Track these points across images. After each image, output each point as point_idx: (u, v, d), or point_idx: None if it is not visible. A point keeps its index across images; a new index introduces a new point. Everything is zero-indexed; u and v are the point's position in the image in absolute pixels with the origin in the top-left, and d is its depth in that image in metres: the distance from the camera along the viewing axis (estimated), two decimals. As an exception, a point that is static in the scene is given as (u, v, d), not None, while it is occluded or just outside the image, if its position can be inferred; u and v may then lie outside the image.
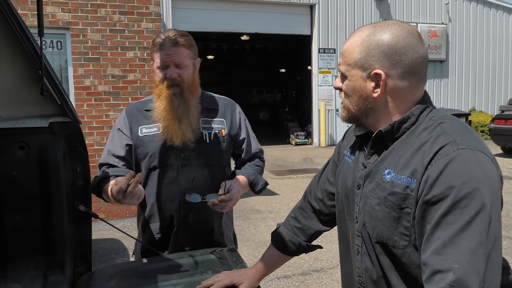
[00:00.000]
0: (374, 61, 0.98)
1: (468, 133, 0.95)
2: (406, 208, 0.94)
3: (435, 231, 0.87)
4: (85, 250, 1.53)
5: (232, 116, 1.80)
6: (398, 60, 0.97)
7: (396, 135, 1.01)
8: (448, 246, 0.84)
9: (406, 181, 0.94)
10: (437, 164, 0.89)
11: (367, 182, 1.05)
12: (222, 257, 1.51)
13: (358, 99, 1.03)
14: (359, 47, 1.00)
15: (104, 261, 4.16)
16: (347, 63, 1.03)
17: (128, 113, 1.74)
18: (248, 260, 3.92)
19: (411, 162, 0.95)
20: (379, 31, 0.99)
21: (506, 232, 4.84)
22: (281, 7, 12.23)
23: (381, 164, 1.02)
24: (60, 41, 5.35)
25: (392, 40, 0.97)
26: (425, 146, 0.94)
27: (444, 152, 0.90)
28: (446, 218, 0.85)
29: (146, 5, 5.44)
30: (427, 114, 1.01)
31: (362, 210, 1.05)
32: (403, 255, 0.96)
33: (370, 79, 1.00)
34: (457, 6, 13.88)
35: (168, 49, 1.59)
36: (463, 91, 14.22)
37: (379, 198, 0.99)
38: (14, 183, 1.41)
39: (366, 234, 1.04)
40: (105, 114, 5.37)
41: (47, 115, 1.42)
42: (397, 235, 0.96)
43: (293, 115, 16.95)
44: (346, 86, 1.04)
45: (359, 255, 1.09)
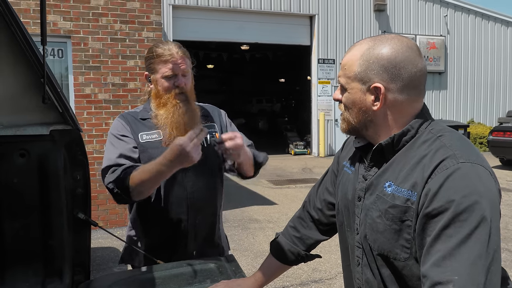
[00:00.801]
0: (374, 75, 0.99)
1: (467, 146, 0.96)
2: (407, 220, 0.95)
3: (435, 244, 0.87)
4: (84, 258, 1.53)
5: (220, 120, 1.87)
6: (397, 74, 0.98)
7: (396, 148, 1.02)
8: (448, 258, 0.85)
9: (406, 194, 0.95)
10: (437, 178, 0.90)
11: (368, 194, 1.05)
12: (220, 266, 1.51)
13: (358, 112, 1.04)
14: (359, 61, 1.01)
15: (102, 270, 4.13)
16: (347, 76, 1.04)
17: (125, 119, 1.74)
18: (247, 270, 3.90)
19: (411, 175, 0.96)
20: (378, 45, 1.00)
21: (505, 245, 4.82)
22: (281, 17, 12.33)
23: (381, 177, 1.03)
24: (61, 49, 5.38)
25: (391, 54, 0.98)
26: (425, 159, 0.95)
27: (444, 165, 0.91)
28: (446, 230, 0.86)
29: (147, 15, 5.49)
30: (426, 127, 1.02)
31: (363, 222, 1.05)
32: (404, 267, 0.97)
33: (370, 92, 1.01)
34: (456, 18, 14.02)
35: (177, 58, 1.65)
36: (461, 102, 14.28)
37: (380, 210, 1.00)
38: (14, 190, 1.41)
39: (367, 246, 1.04)
40: (105, 122, 5.38)
41: (48, 122, 1.43)
42: (398, 248, 0.97)
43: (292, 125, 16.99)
44: (346, 99, 1.05)
45: (360, 266, 1.09)
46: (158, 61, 1.67)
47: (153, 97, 1.72)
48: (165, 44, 1.69)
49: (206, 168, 1.74)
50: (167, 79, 1.67)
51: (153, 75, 1.70)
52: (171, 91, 1.67)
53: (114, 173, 1.58)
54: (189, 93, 1.70)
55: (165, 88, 1.67)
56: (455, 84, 14.12)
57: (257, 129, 20.57)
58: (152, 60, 1.68)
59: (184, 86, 1.67)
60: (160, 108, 1.68)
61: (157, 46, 1.70)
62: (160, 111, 1.68)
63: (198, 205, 1.71)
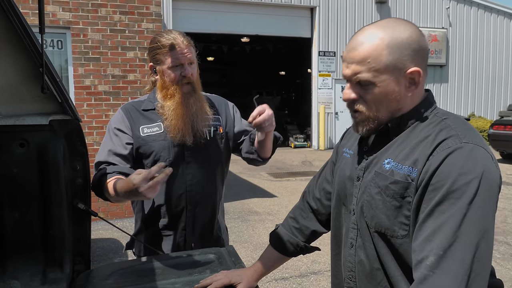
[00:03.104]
0: (408, 60, 0.96)
1: (471, 130, 0.96)
2: (408, 197, 0.94)
3: (427, 219, 0.88)
4: (84, 248, 1.53)
5: (227, 113, 1.84)
6: (424, 55, 0.99)
7: (402, 129, 1.01)
8: (438, 233, 0.85)
9: (407, 170, 0.94)
10: (439, 155, 0.90)
11: (367, 173, 1.04)
12: (220, 257, 1.51)
13: (390, 103, 0.99)
14: (387, 49, 0.95)
15: (102, 261, 4.15)
16: (374, 69, 0.96)
17: (126, 112, 1.73)
18: (246, 261, 3.92)
19: (413, 153, 0.95)
20: (398, 29, 0.97)
21: (504, 238, 4.84)
22: (282, 9, 12.25)
23: (382, 155, 1.02)
24: (60, 41, 5.36)
25: (416, 36, 0.97)
26: (429, 139, 0.95)
27: (446, 144, 0.91)
28: (439, 207, 0.87)
29: (146, 5, 5.45)
30: (432, 110, 1.02)
31: (360, 200, 1.04)
32: (401, 245, 0.96)
33: (404, 79, 0.97)
34: (458, 11, 13.92)
35: (183, 47, 1.63)
36: (462, 96, 14.24)
37: (379, 187, 0.99)
38: (14, 180, 1.41)
39: (364, 225, 1.04)
40: (104, 114, 5.37)
41: (47, 112, 1.43)
42: (396, 225, 0.96)
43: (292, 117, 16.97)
44: (374, 95, 0.98)
45: (353, 248, 1.08)
46: (163, 51, 1.64)
47: (159, 88, 1.71)
48: (168, 33, 1.66)
49: (207, 161, 1.74)
50: (173, 69, 1.65)
51: (159, 66, 1.68)
52: (178, 82, 1.65)
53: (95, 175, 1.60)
54: (195, 83, 1.69)
55: (172, 78, 1.65)
56: (457, 77, 14.07)
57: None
58: (157, 50, 1.66)
59: (190, 76, 1.66)
60: (167, 99, 1.67)
61: (161, 35, 1.67)
62: (167, 102, 1.67)
63: (197, 198, 1.71)
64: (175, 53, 1.62)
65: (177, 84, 1.65)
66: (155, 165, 1.34)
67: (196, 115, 1.68)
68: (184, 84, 1.66)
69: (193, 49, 1.68)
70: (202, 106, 1.71)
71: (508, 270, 3.97)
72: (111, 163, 1.65)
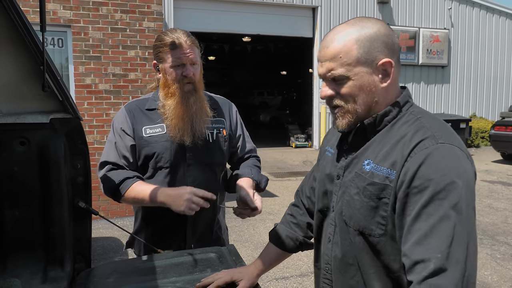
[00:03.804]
0: (378, 52, 1.00)
1: (445, 128, 0.99)
2: (384, 198, 0.96)
3: (415, 222, 0.89)
4: (84, 246, 1.53)
5: (230, 115, 1.84)
6: (394, 47, 1.02)
7: (378, 128, 1.04)
8: (429, 236, 0.87)
9: (385, 172, 0.97)
10: (417, 157, 0.92)
11: (347, 172, 1.07)
12: (221, 256, 1.51)
13: (367, 96, 1.02)
14: (357, 44, 1.00)
15: (103, 260, 4.16)
16: (345, 64, 1.00)
17: (129, 112, 1.73)
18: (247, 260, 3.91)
19: (391, 154, 0.98)
20: (366, 25, 1.02)
21: (504, 238, 4.83)
22: (283, 9, 12.24)
23: (362, 155, 1.04)
24: (61, 39, 5.36)
25: (384, 30, 1.01)
26: (405, 139, 0.97)
27: (423, 145, 0.93)
28: (426, 209, 0.88)
29: (148, 4, 5.45)
30: (408, 108, 1.04)
31: (340, 199, 1.07)
32: (378, 243, 0.99)
33: (377, 71, 1.01)
34: (460, 12, 13.90)
35: (186, 47, 1.62)
36: (464, 96, 14.21)
37: (358, 187, 1.02)
38: (14, 178, 1.41)
39: (342, 223, 1.06)
40: (105, 112, 5.37)
41: (48, 111, 1.42)
42: (373, 224, 0.99)
43: (293, 117, 16.96)
44: (350, 88, 1.01)
45: (330, 243, 1.12)
46: (166, 50, 1.64)
47: (161, 86, 1.70)
48: (173, 32, 1.66)
49: (209, 164, 1.74)
50: (175, 68, 1.64)
51: (161, 64, 1.67)
52: (179, 81, 1.65)
53: (111, 174, 1.63)
54: (197, 84, 1.68)
55: (173, 77, 1.65)
56: (458, 78, 14.04)
57: (258, 122, 20.55)
58: (160, 48, 1.66)
59: (192, 76, 1.65)
60: (168, 98, 1.67)
61: (165, 34, 1.67)
62: (168, 101, 1.67)
63: None
64: (177, 53, 1.62)
65: (178, 83, 1.65)
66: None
67: (196, 115, 1.67)
68: (185, 83, 1.65)
69: (197, 49, 1.68)
70: (202, 106, 1.70)
71: (509, 270, 3.96)
72: (119, 165, 1.65)
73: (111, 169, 1.65)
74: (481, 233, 5.00)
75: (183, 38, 1.63)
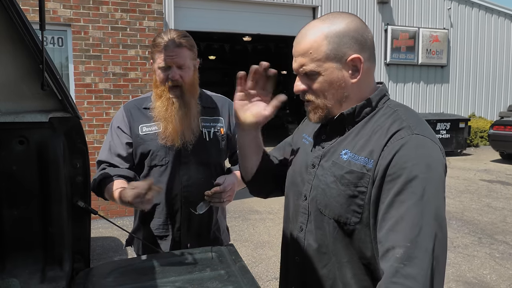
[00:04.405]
0: (347, 48, 1.01)
1: (420, 121, 1.02)
2: (361, 187, 0.98)
3: (389, 210, 0.92)
4: (83, 246, 1.53)
5: (230, 114, 1.82)
6: (365, 43, 1.03)
7: (356, 119, 1.06)
8: (400, 224, 0.89)
9: (363, 161, 0.99)
10: (392, 146, 0.95)
11: (323, 161, 1.08)
12: (220, 255, 1.51)
13: (336, 91, 1.04)
14: (326, 39, 1.01)
15: (102, 259, 4.15)
16: (315, 59, 1.02)
17: (127, 111, 1.73)
18: (247, 260, 3.91)
19: (368, 143, 1.00)
20: (336, 21, 1.02)
21: (503, 237, 4.84)
22: (284, 8, 12.23)
23: (339, 145, 1.06)
24: (61, 38, 5.35)
25: (355, 25, 1.02)
26: (382, 129, 1.00)
27: (399, 135, 0.96)
28: (399, 197, 0.91)
29: (148, 3, 5.44)
30: (385, 101, 1.07)
31: (315, 188, 1.08)
32: (353, 231, 1.00)
33: (347, 67, 1.02)
34: (459, 12, 13.90)
35: (171, 50, 1.59)
36: (463, 96, 14.22)
37: (335, 176, 1.03)
38: (13, 178, 1.40)
39: (316, 211, 1.07)
40: (105, 112, 5.36)
41: (47, 110, 1.42)
42: (349, 212, 1.00)
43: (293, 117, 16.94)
44: (321, 83, 1.04)
45: (302, 232, 1.11)
46: (155, 50, 1.64)
47: (153, 86, 1.71)
48: (166, 33, 1.65)
49: (205, 163, 1.73)
50: (162, 70, 1.63)
51: (153, 65, 1.68)
52: (165, 83, 1.63)
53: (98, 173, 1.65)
54: (186, 87, 1.64)
55: (161, 79, 1.65)
56: (457, 77, 14.05)
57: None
58: (153, 49, 1.66)
59: (178, 79, 1.61)
60: (157, 99, 1.67)
61: (158, 34, 1.67)
62: (157, 102, 1.67)
63: (192, 199, 1.69)
64: (164, 54, 1.60)
65: (164, 85, 1.64)
66: (145, 180, 1.42)
67: (182, 120, 1.65)
68: (171, 87, 1.63)
69: (188, 52, 1.63)
70: (189, 111, 1.66)
71: (507, 269, 3.96)
72: (112, 164, 1.66)
73: (104, 168, 1.66)
74: (480, 232, 5.01)
75: (172, 40, 1.60)
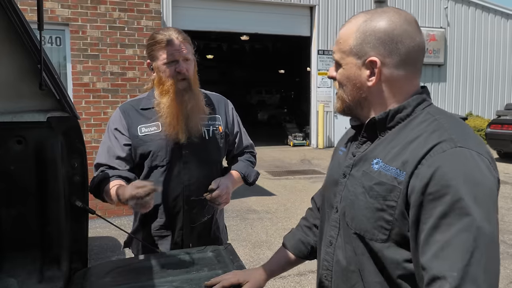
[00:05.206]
0: (370, 48, 0.95)
1: (465, 131, 0.91)
2: (391, 201, 0.90)
3: (433, 233, 0.82)
4: (81, 246, 1.53)
5: (226, 112, 1.84)
6: (395, 48, 0.94)
7: (389, 124, 0.98)
8: (447, 250, 0.80)
9: (394, 172, 0.90)
10: (433, 160, 0.85)
11: (354, 170, 1.01)
12: (218, 254, 1.51)
13: (352, 88, 0.99)
14: (355, 34, 0.97)
15: (100, 259, 4.15)
16: (341, 51, 0.99)
17: (124, 112, 1.73)
18: (244, 260, 3.91)
19: (402, 153, 0.91)
20: (375, 18, 0.96)
21: (501, 237, 4.86)
22: (281, 8, 12.23)
23: (371, 153, 0.99)
24: (59, 37, 5.34)
25: (389, 27, 0.94)
26: (420, 139, 0.90)
27: (440, 148, 0.86)
28: (444, 219, 0.81)
29: (146, 3, 5.43)
30: (424, 107, 0.97)
31: (345, 199, 1.01)
32: (381, 249, 0.92)
33: (365, 67, 0.96)
34: (456, 11, 13.93)
35: (177, 44, 1.63)
36: (460, 95, 14.26)
37: (364, 187, 0.95)
38: (11, 177, 1.40)
39: (345, 224, 1.00)
40: (103, 111, 5.36)
41: (45, 109, 1.42)
42: (376, 228, 0.92)
43: (291, 116, 16.98)
44: (341, 75, 1.01)
45: (332, 247, 1.05)
46: (158, 47, 1.64)
47: (156, 84, 1.70)
48: (165, 30, 1.67)
49: (206, 162, 1.73)
50: (168, 65, 1.64)
51: (155, 62, 1.68)
52: (173, 78, 1.65)
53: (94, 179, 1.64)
54: (191, 79, 1.67)
55: (167, 74, 1.65)
56: (455, 76, 14.08)
57: (256, 120, 20.55)
58: (153, 47, 1.66)
59: (185, 72, 1.65)
60: (163, 96, 1.67)
61: (157, 32, 1.68)
62: (163, 99, 1.66)
63: (194, 198, 1.70)
64: (169, 49, 1.62)
65: (172, 79, 1.65)
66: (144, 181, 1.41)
67: (191, 112, 1.66)
68: (179, 80, 1.65)
69: (190, 46, 1.68)
70: (198, 103, 1.69)
71: (505, 268, 3.97)
72: (111, 166, 1.65)
73: (103, 171, 1.66)
74: (478, 232, 5.02)
75: (175, 35, 1.64)
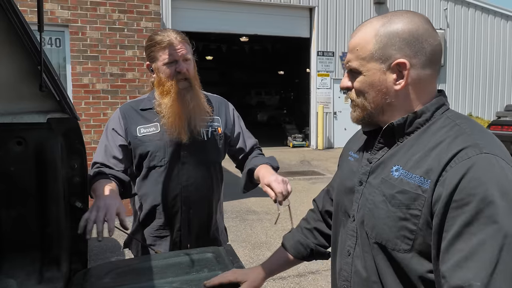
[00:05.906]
0: (395, 51, 0.91)
1: (488, 136, 0.88)
2: (415, 209, 0.87)
3: (456, 242, 0.80)
4: (81, 246, 1.53)
5: (226, 114, 1.84)
6: (421, 48, 0.91)
7: (407, 130, 0.95)
8: (470, 260, 0.77)
9: (418, 180, 0.87)
10: (457, 168, 0.82)
11: (371, 178, 0.98)
12: (218, 255, 1.51)
13: (377, 95, 0.95)
14: (375, 38, 0.93)
15: (99, 260, 4.15)
16: (360, 58, 0.95)
17: (123, 113, 1.74)
18: (244, 260, 3.92)
19: (425, 161, 0.88)
20: (394, 20, 0.93)
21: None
22: (281, 9, 12.25)
23: (389, 160, 0.95)
24: (58, 39, 5.34)
25: (413, 27, 0.91)
26: (442, 145, 0.87)
27: (465, 154, 0.83)
28: (468, 228, 0.78)
29: (146, 4, 5.44)
30: (443, 112, 0.95)
31: (362, 207, 0.98)
32: (403, 260, 0.89)
33: (391, 71, 0.93)
34: (456, 12, 13.96)
35: (176, 44, 1.64)
36: (460, 96, 14.28)
37: (384, 195, 0.92)
38: (11, 178, 1.40)
39: (364, 234, 0.97)
40: (103, 112, 5.36)
41: (45, 110, 1.42)
42: (399, 238, 0.89)
43: (291, 117, 16.99)
44: (361, 83, 0.96)
45: (350, 257, 1.02)
46: (158, 48, 1.65)
47: (156, 85, 1.71)
48: (163, 31, 1.68)
49: (204, 162, 1.73)
50: (168, 65, 1.65)
51: (154, 64, 1.69)
52: (173, 78, 1.65)
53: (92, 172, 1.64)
54: (192, 79, 1.68)
55: (167, 75, 1.66)
56: (454, 77, 14.11)
57: (255, 121, 20.57)
58: (152, 48, 1.67)
59: (186, 71, 1.65)
60: (164, 96, 1.67)
61: (156, 33, 1.69)
62: (164, 99, 1.67)
63: (193, 199, 1.70)
64: (169, 50, 1.63)
65: (173, 80, 1.65)
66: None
67: (194, 112, 1.67)
68: (180, 80, 1.66)
69: (189, 46, 1.69)
70: (200, 103, 1.70)
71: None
72: (107, 165, 1.66)
73: (99, 167, 1.66)
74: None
75: (173, 35, 1.65)
